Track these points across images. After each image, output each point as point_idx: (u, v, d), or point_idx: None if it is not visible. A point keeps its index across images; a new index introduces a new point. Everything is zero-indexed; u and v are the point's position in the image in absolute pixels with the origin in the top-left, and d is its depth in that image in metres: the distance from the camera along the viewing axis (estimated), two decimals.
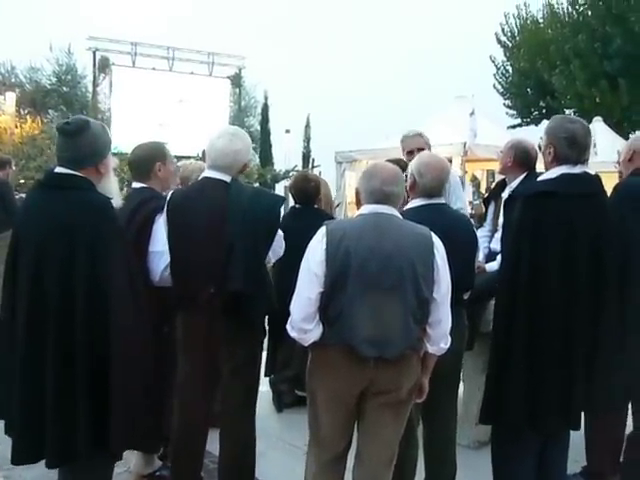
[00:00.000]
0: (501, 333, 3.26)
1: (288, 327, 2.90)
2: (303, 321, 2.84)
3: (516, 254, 3.24)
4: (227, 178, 3.40)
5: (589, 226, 3.17)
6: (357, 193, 3.04)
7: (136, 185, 3.82)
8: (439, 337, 2.95)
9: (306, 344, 2.91)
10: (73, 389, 2.77)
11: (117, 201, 3.10)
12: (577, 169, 3.24)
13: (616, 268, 3.22)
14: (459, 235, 3.35)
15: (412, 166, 3.48)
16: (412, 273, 2.80)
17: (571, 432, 3.45)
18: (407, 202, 3.45)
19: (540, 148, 3.45)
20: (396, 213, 2.95)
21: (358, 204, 3.05)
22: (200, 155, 5.06)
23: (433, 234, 2.90)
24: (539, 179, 3.40)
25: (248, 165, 3.68)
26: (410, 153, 4.78)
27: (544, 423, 3.19)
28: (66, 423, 2.76)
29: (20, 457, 2.86)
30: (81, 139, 2.93)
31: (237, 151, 3.44)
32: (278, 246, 3.51)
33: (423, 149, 4.74)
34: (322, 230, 2.87)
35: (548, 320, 3.14)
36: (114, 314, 2.82)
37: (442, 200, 3.47)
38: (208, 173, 3.46)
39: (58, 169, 2.96)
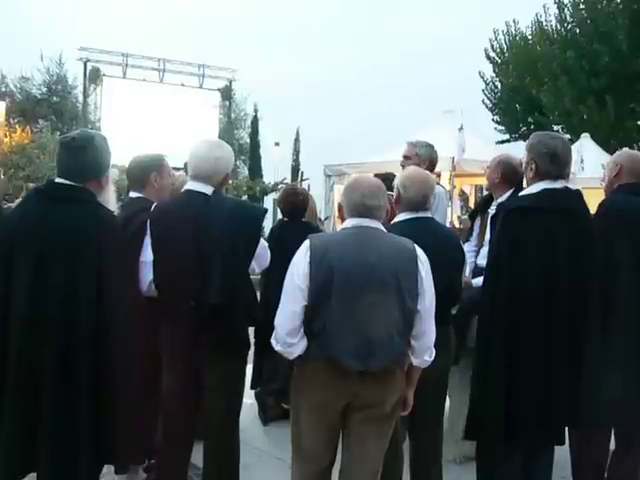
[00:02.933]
0: (482, 347, 3.28)
1: (272, 341, 2.89)
2: (288, 335, 2.83)
3: (496, 269, 3.26)
4: (208, 190, 3.37)
5: (569, 241, 3.19)
6: (340, 207, 3.05)
7: (132, 195, 3.88)
8: (423, 349, 2.95)
9: (291, 358, 2.90)
10: (75, 407, 2.76)
11: (114, 209, 3.20)
12: (558, 184, 3.27)
13: (598, 283, 3.24)
14: (446, 249, 3.37)
15: (397, 180, 3.52)
16: (396, 286, 2.80)
17: (557, 448, 3.46)
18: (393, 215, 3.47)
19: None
20: (379, 226, 2.94)
21: (342, 218, 3.05)
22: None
23: (417, 246, 2.91)
24: (520, 194, 3.43)
25: (230, 177, 3.67)
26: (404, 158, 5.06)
27: (525, 437, 3.19)
28: (67, 444, 2.75)
29: (8, 472, 2.83)
30: (87, 153, 2.96)
31: (217, 158, 3.42)
32: (262, 257, 3.50)
33: (408, 157, 4.90)
34: (306, 244, 2.87)
35: (527, 334, 3.16)
36: (118, 328, 2.85)
37: (428, 214, 3.48)
38: (190, 185, 3.44)
39: (59, 180, 2.97)
